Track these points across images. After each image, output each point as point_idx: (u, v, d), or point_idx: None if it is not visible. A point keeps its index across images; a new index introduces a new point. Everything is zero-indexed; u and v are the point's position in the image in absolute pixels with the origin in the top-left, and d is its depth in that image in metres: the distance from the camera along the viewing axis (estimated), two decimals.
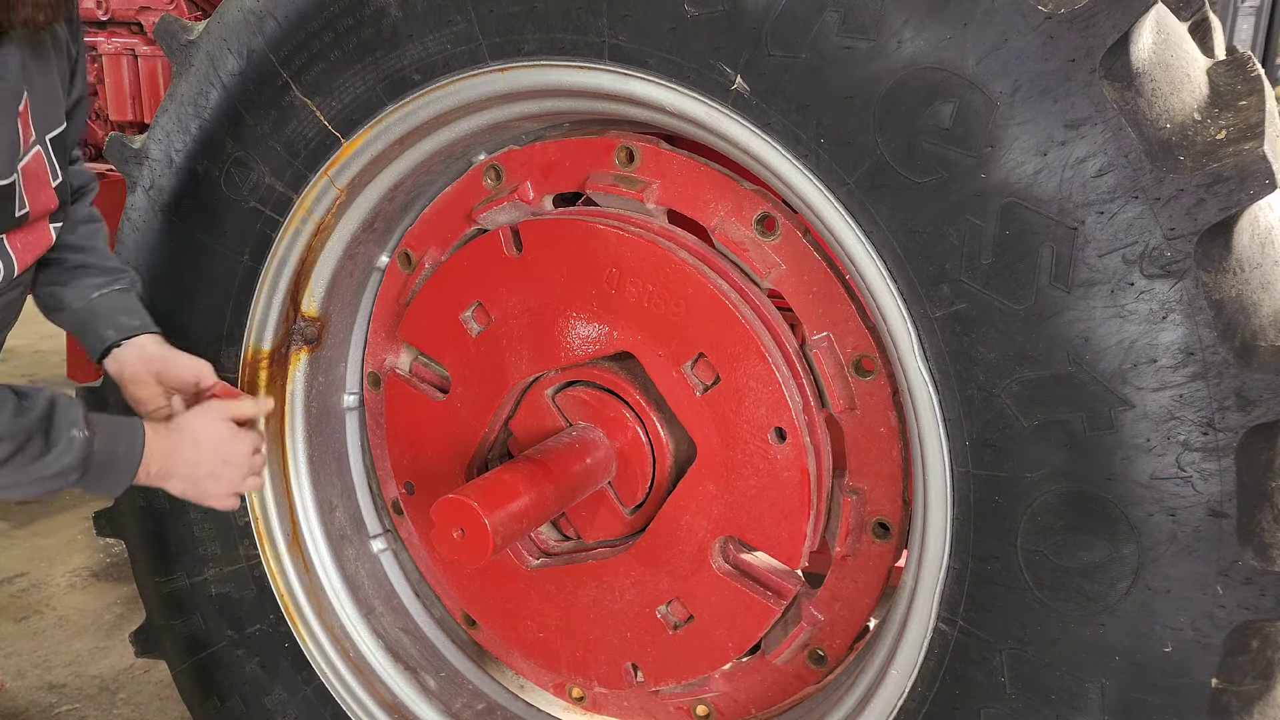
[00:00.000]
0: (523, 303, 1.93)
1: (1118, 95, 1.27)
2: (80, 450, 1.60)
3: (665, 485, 1.90)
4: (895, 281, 1.42)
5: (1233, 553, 1.27)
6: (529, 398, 2.00)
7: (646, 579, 1.91)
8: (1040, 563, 1.39)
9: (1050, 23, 1.27)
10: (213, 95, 1.98)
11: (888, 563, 1.74)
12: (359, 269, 2.17)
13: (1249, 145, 1.24)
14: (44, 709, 3.13)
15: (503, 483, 1.77)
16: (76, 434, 1.60)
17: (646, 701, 2.09)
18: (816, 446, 1.73)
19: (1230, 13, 7.78)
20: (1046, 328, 1.31)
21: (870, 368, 1.67)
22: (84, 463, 1.61)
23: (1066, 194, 1.28)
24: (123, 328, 1.91)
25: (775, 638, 1.85)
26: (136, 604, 2.71)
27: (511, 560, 2.05)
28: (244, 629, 2.26)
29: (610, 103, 1.69)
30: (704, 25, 1.48)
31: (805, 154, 1.45)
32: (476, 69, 1.72)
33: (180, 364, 1.92)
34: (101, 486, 1.67)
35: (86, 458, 1.61)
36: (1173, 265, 1.25)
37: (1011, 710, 1.45)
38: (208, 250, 2.07)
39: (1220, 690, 1.32)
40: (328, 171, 1.93)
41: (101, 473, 1.65)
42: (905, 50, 1.34)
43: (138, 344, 1.91)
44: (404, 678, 2.25)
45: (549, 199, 1.96)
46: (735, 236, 1.75)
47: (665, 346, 1.79)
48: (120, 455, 1.67)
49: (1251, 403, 1.24)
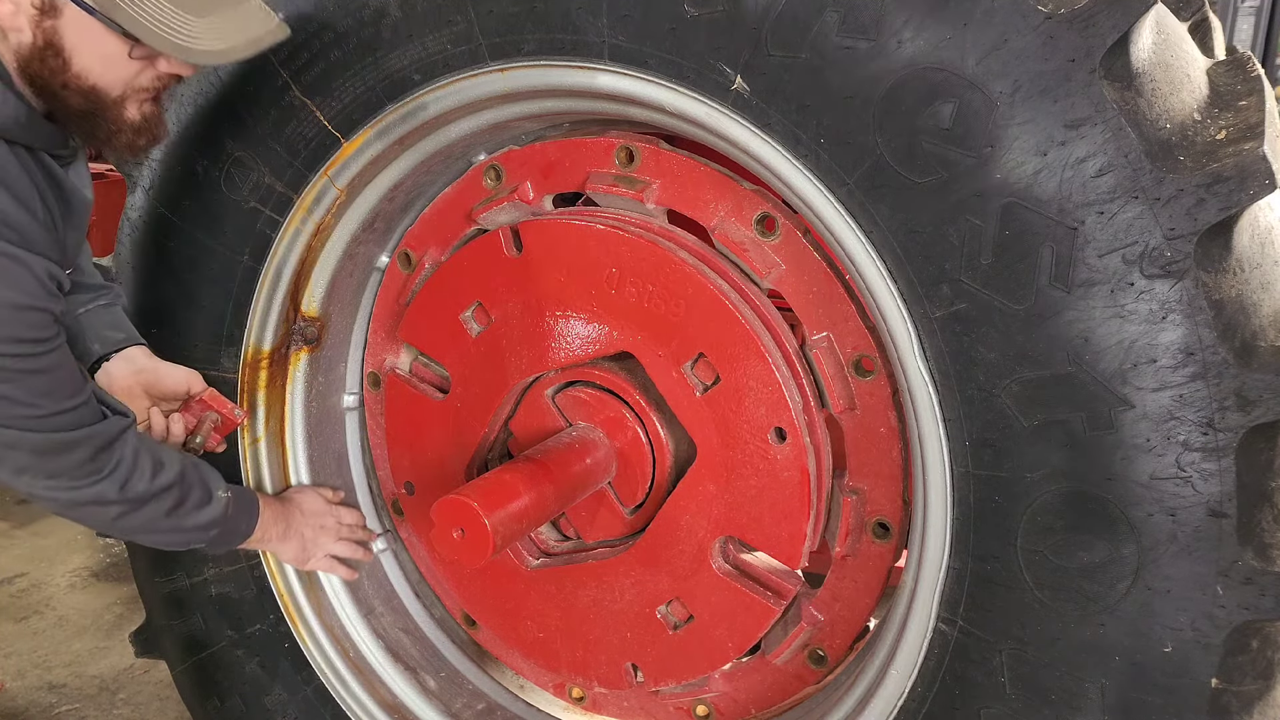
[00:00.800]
0: (523, 303, 1.93)
1: (1118, 95, 1.26)
2: (223, 509, 1.84)
3: (665, 485, 1.90)
4: (895, 281, 1.42)
5: (1233, 553, 1.27)
6: (529, 398, 2.00)
7: (646, 579, 1.91)
8: (1040, 563, 1.39)
9: (1050, 23, 1.27)
10: (213, 95, 1.98)
11: (888, 563, 1.74)
12: (359, 269, 2.17)
13: (1249, 145, 1.24)
14: (44, 709, 3.13)
15: (503, 483, 1.77)
16: (222, 494, 1.84)
17: (646, 701, 2.09)
18: (816, 447, 1.73)
19: (1230, 13, 7.78)
20: (1046, 328, 1.31)
21: (870, 368, 1.67)
22: (222, 520, 1.85)
23: (1066, 194, 1.28)
24: (109, 341, 1.95)
25: (775, 638, 1.85)
26: (136, 604, 2.72)
27: (511, 560, 2.05)
28: (244, 629, 2.26)
29: (610, 103, 1.69)
30: (704, 25, 1.48)
31: (805, 154, 1.45)
32: (476, 69, 1.72)
33: (170, 375, 1.98)
34: (222, 544, 1.92)
35: (224, 516, 1.85)
36: (1173, 265, 1.25)
37: (1011, 710, 1.45)
38: (208, 250, 2.07)
39: (1220, 690, 1.32)
40: (328, 171, 1.93)
41: (230, 532, 1.90)
42: (905, 50, 1.34)
43: (127, 356, 1.97)
44: (404, 678, 2.25)
45: (549, 199, 1.96)
46: (735, 236, 1.75)
47: (665, 346, 1.79)
48: (244, 520, 1.92)
49: (1251, 403, 1.24)
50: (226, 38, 1.56)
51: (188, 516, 1.78)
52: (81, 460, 1.61)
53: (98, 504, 1.67)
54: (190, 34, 1.51)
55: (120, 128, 1.62)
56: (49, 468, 1.60)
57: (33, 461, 1.59)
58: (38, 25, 1.49)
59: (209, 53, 1.54)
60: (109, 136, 1.62)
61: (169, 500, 1.74)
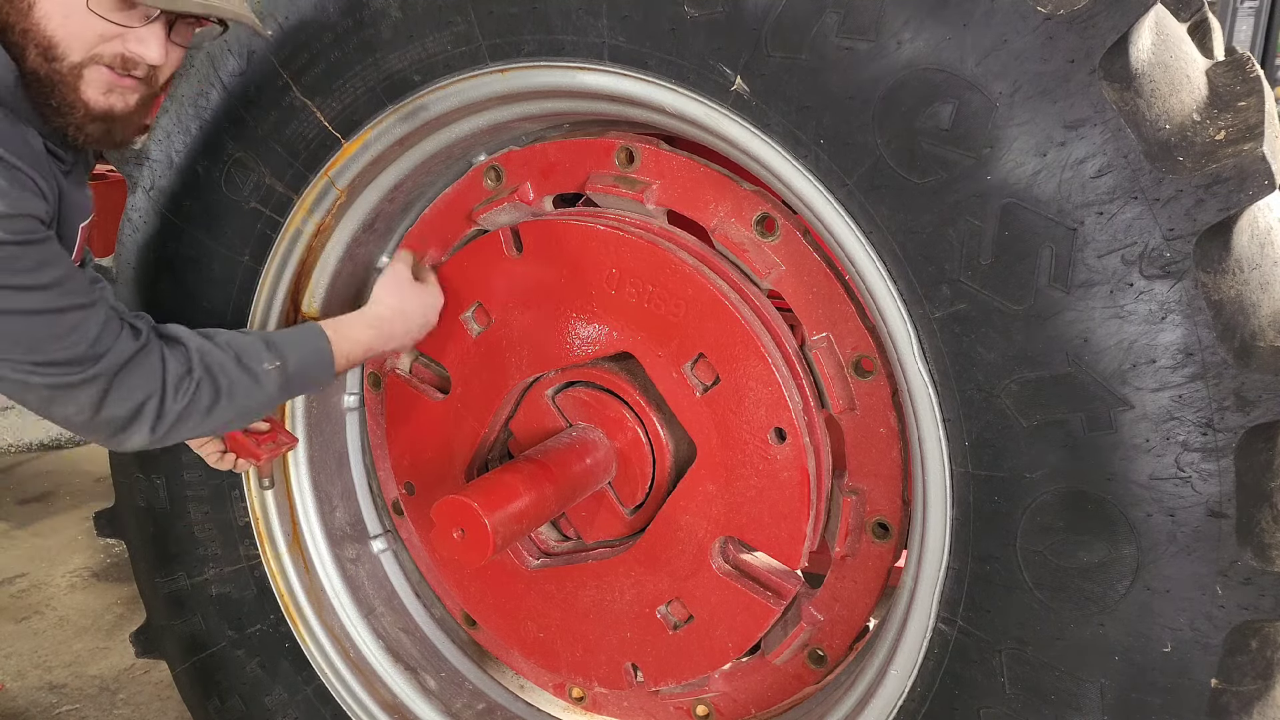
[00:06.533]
0: (523, 303, 1.93)
1: (1117, 96, 1.27)
2: (277, 381, 1.74)
3: (665, 485, 1.90)
4: (895, 282, 1.42)
5: (1232, 553, 1.27)
6: (529, 398, 2.00)
7: (646, 579, 1.91)
8: (1040, 563, 1.39)
9: (1050, 24, 1.27)
10: (213, 95, 1.98)
11: (887, 563, 1.75)
12: (359, 269, 2.17)
13: (1248, 146, 1.24)
14: (44, 709, 3.13)
15: (503, 483, 1.77)
16: (268, 366, 1.73)
17: (646, 701, 2.09)
18: (816, 447, 1.73)
19: (1230, 13, 7.78)
20: (1046, 328, 1.31)
21: (870, 368, 1.67)
22: (285, 385, 1.76)
23: (1066, 194, 1.28)
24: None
25: (775, 638, 1.85)
26: (136, 604, 2.72)
27: (512, 560, 2.06)
28: (244, 629, 2.26)
29: (610, 104, 1.69)
30: (703, 26, 1.48)
31: (805, 155, 1.45)
32: (477, 70, 1.72)
33: None
34: (309, 387, 1.87)
35: (286, 382, 1.76)
36: (1172, 266, 1.25)
37: (1011, 710, 1.45)
38: (208, 251, 2.07)
39: (1220, 690, 1.32)
40: (328, 172, 1.93)
41: (304, 384, 1.82)
42: (905, 51, 1.34)
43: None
44: (404, 678, 2.25)
45: (549, 200, 1.96)
46: (735, 237, 1.75)
47: (665, 347, 1.79)
48: (314, 368, 1.81)
49: (1250, 403, 1.24)
50: None
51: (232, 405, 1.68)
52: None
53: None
54: None
55: (75, 104, 1.53)
56: None
57: None
58: None
59: None
60: (63, 111, 1.54)
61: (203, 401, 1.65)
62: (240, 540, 2.22)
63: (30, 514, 4.38)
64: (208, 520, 2.23)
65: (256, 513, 2.21)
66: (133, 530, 2.34)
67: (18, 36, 1.49)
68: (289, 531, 2.24)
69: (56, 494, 4.56)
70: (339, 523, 2.31)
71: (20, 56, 1.50)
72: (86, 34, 1.50)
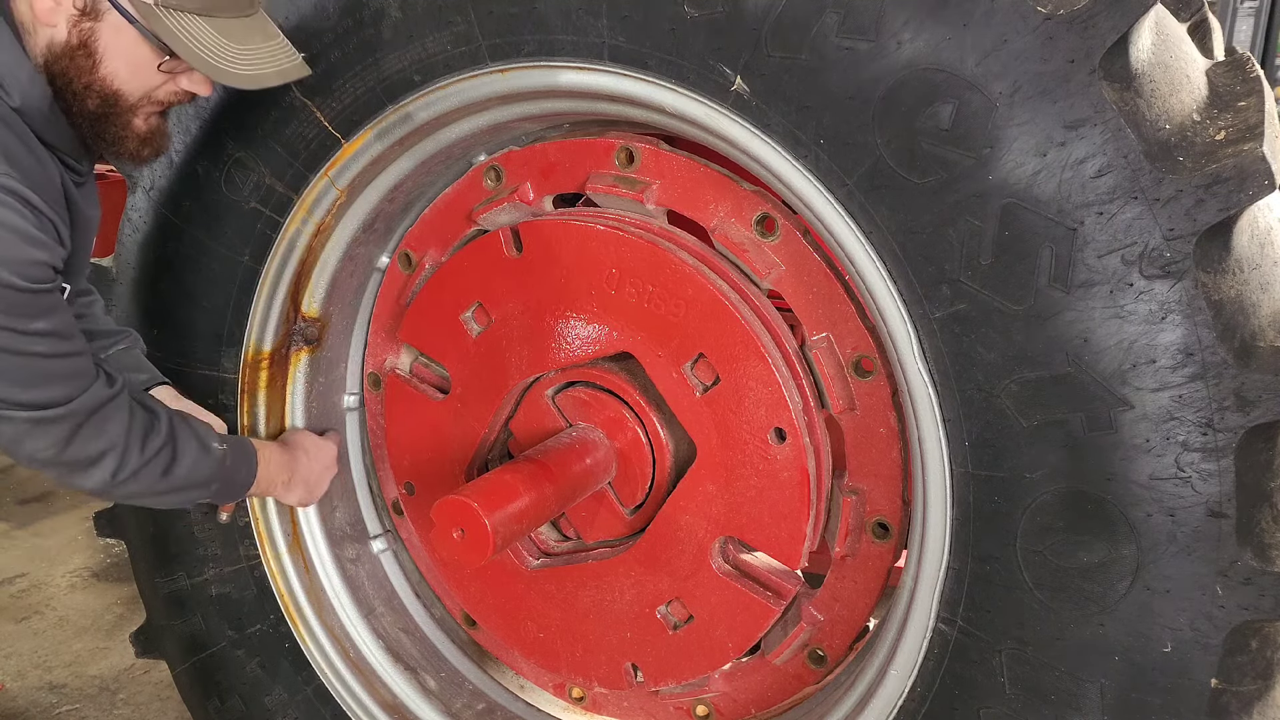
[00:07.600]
0: (523, 303, 1.93)
1: (1117, 96, 1.27)
2: (218, 462, 1.81)
3: (665, 486, 1.90)
4: (895, 282, 1.42)
5: (1232, 553, 1.27)
6: (529, 398, 2.00)
7: (646, 579, 1.91)
8: (1040, 563, 1.39)
9: (1049, 24, 1.27)
10: (213, 95, 1.98)
11: (887, 563, 1.75)
12: (359, 270, 2.17)
13: (1248, 146, 1.24)
14: (44, 709, 3.13)
15: (503, 483, 1.77)
16: (218, 446, 1.82)
17: (646, 702, 2.09)
18: (816, 447, 1.73)
19: (1230, 13, 7.77)
20: (1046, 328, 1.31)
21: (870, 368, 1.67)
22: (219, 473, 1.82)
23: (1066, 195, 1.28)
24: (134, 384, 1.94)
25: (775, 638, 1.85)
26: (136, 604, 2.72)
27: (511, 560, 2.05)
28: (244, 629, 2.26)
29: (610, 104, 1.69)
30: (703, 26, 1.48)
31: (805, 155, 1.45)
32: (476, 70, 1.72)
33: (194, 416, 1.96)
34: (225, 497, 1.90)
35: (222, 469, 1.82)
36: (1172, 266, 1.25)
37: (1011, 710, 1.45)
38: (208, 251, 2.07)
39: (1219, 690, 1.32)
40: (328, 172, 1.93)
41: (230, 484, 1.87)
42: (905, 51, 1.34)
43: (154, 396, 1.94)
44: (404, 678, 2.25)
45: (549, 200, 1.96)
46: (735, 237, 1.75)
47: (665, 347, 1.79)
48: (243, 470, 1.90)
49: (1250, 403, 1.24)
50: (257, 65, 1.63)
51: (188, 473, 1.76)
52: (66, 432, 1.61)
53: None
54: (224, 57, 1.58)
55: (127, 134, 1.68)
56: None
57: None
58: (75, 25, 1.56)
59: (241, 76, 1.61)
60: (115, 141, 1.67)
61: (162, 461, 1.72)
62: (240, 540, 2.22)
63: (30, 514, 4.38)
64: (207, 520, 2.23)
65: (256, 513, 2.21)
66: (133, 530, 2.34)
67: (79, 88, 1.60)
68: (289, 532, 2.24)
69: (56, 494, 4.56)
70: (339, 523, 2.31)
71: (76, 104, 1.61)
72: (151, 82, 1.65)
